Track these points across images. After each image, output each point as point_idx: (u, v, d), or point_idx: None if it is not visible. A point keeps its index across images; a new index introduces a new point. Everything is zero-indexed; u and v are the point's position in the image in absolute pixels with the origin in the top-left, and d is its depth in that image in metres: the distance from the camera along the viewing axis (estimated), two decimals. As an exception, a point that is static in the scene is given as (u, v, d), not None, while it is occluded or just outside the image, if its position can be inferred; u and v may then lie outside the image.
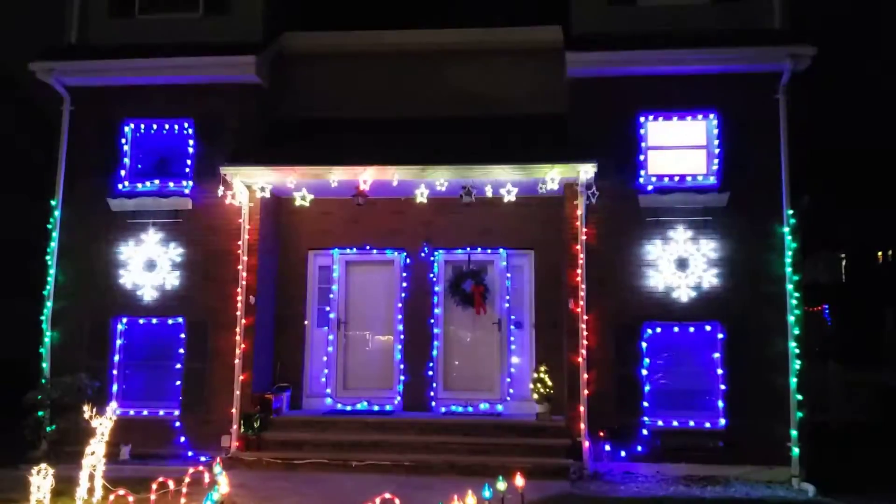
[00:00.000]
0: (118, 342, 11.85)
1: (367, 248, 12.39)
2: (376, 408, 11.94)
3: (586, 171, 10.72)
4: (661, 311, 11.01)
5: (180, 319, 11.72)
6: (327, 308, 12.43)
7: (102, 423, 8.39)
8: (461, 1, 13.42)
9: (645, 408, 10.82)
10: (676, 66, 11.19)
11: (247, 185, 11.43)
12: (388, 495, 7.56)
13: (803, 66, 10.86)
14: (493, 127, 11.96)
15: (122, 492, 8.09)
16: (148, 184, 12.03)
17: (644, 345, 10.98)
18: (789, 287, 10.73)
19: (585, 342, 10.75)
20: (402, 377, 12.10)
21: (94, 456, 8.39)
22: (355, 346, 12.49)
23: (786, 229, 10.84)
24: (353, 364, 12.40)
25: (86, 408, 8.33)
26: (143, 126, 12.19)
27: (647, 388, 10.90)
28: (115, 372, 11.74)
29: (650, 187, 11.19)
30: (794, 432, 10.40)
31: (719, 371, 10.85)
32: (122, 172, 12.06)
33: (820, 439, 11.46)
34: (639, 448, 10.66)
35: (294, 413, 11.77)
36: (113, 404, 9.18)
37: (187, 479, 8.54)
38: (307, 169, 11.18)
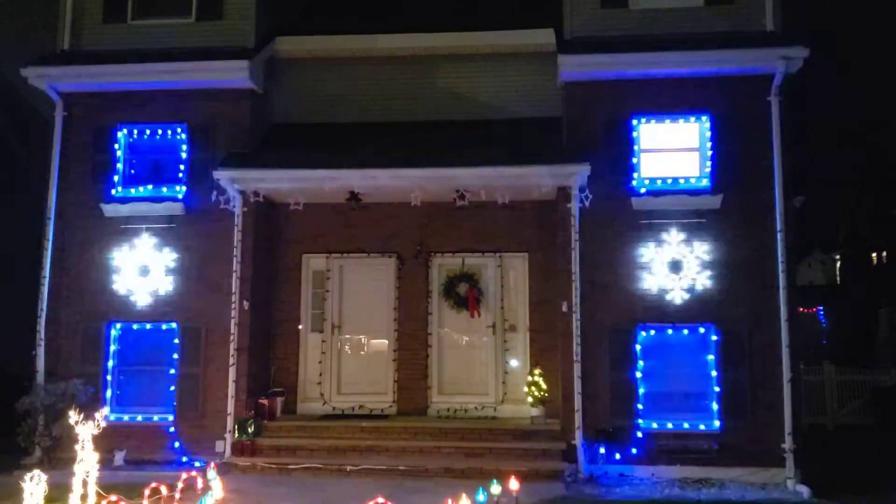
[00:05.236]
0: (112, 347, 11.81)
1: (362, 251, 12.39)
2: (371, 412, 11.92)
3: (579, 174, 10.74)
4: (655, 314, 11.01)
5: (174, 324, 11.69)
6: (322, 312, 12.42)
7: (86, 430, 8.31)
8: (454, 5, 13.44)
9: (639, 410, 10.82)
10: (669, 69, 11.21)
11: (240, 190, 11.42)
12: (381, 500, 7.54)
13: (795, 68, 10.90)
14: (487, 130, 11.98)
15: (114, 497, 8.05)
16: (141, 189, 12.02)
17: (638, 347, 10.98)
18: (783, 289, 10.74)
19: (580, 345, 10.76)
20: (396, 381, 12.10)
21: (85, 462, 8.32)
22: (350, 351, 12.47)
23: (779, 230, 10.86)
24: (348, 368, 12.38)
25: (72, 413, 8.28)
26: (136, 131, 12.19)
27: (641, 390, 10.90)
28: (108, 377, 11.71)
29: (643, 190, 11.20)
30: (788, 434, 10.40)
31: (713, 373, 10.85)
32: (116, 178, 12.05)
33: (815, 441, 11.47)
34: (633, 451, 10.66)
35: (289, 418, 11.74)
36: (104, 410, 9.11)
37: (181, 485, 8.49)
38: (301, 173, 11.21)
